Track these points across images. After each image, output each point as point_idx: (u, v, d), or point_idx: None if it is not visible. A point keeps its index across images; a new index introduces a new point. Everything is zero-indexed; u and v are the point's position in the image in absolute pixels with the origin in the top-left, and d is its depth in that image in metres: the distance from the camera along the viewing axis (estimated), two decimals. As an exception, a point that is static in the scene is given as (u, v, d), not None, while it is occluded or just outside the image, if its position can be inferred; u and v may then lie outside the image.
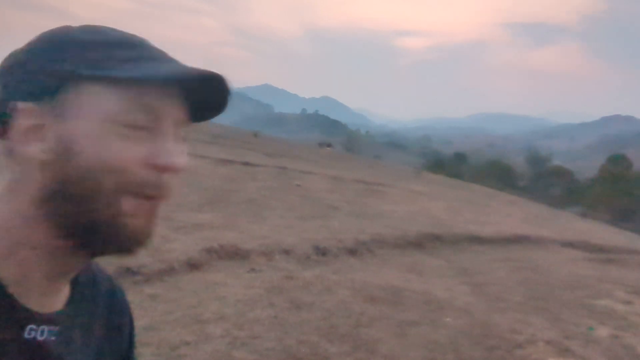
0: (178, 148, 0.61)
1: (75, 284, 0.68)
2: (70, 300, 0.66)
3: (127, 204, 0.58)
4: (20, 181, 0.58)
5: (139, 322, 4.35)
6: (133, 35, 0.63)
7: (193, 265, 5.97)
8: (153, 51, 0.62)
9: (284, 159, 19.93)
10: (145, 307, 4.66)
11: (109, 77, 0.57)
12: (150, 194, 0.59)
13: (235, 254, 6.69)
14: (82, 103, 0.57)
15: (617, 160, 62.64)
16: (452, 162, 75.84)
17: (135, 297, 4.77)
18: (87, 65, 0.57)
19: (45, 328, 0.60)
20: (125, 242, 0.60)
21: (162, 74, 0.58)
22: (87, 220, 0.58)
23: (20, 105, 0.57)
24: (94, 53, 0.58)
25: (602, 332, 5.51)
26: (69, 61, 0.57)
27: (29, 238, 0.59)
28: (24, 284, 0.59)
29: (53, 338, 0.61)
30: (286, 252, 7.20)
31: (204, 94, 0.62)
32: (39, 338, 0.60)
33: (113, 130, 0.57)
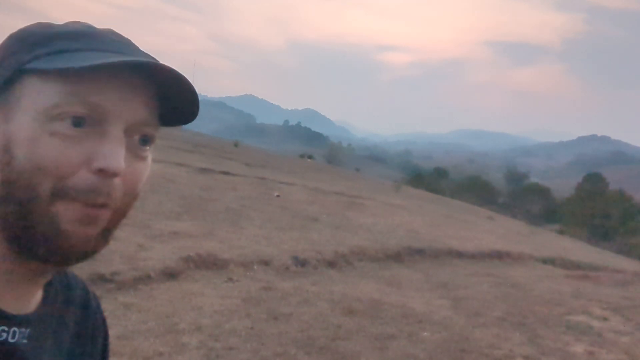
0: (119, 151, 0.54)
1: (48, 288, 0.65)
2: (42, 304, 0.63)
3: (64, 210, 0.53)
4: None
5: (111, 331, 4.24)
6: (89, 27, 0.59)
7: (169, 274, 5.86)
8: (104, 43, 0.57)
9: (264, 170, 19.86)
10: (119, 316, 4.55)
11: (41, 70, 0.53)
12: (89, 201, 0.54)
13: (213, 264, 6.60)
14: (22, 98, 0.53)
15: (593, 179, 63.67)
16: (432, 177, 76.30)
17: (108, 306, 4.65)
18: (29, 59, 0.54)
19: (17, 330, 0.58)
20: (67, 251, 0.55)
21: (88, 63, 0.51)
22: (25, 225, 0.54)
23: None
24: (38, 47, 0.55)
25: (578, 348, 5.52)
26: (16, 57, 0.54)
27: None
28: None
29: (25, 341, 0.58)
30: (265, 262, 7.13)
31: (167, 94, 0.58)
32: (11, 340, 0.57)
33: (47, 128, 0.52)
